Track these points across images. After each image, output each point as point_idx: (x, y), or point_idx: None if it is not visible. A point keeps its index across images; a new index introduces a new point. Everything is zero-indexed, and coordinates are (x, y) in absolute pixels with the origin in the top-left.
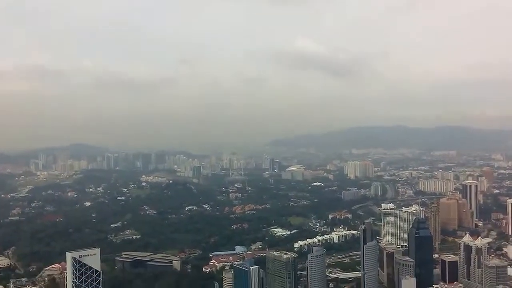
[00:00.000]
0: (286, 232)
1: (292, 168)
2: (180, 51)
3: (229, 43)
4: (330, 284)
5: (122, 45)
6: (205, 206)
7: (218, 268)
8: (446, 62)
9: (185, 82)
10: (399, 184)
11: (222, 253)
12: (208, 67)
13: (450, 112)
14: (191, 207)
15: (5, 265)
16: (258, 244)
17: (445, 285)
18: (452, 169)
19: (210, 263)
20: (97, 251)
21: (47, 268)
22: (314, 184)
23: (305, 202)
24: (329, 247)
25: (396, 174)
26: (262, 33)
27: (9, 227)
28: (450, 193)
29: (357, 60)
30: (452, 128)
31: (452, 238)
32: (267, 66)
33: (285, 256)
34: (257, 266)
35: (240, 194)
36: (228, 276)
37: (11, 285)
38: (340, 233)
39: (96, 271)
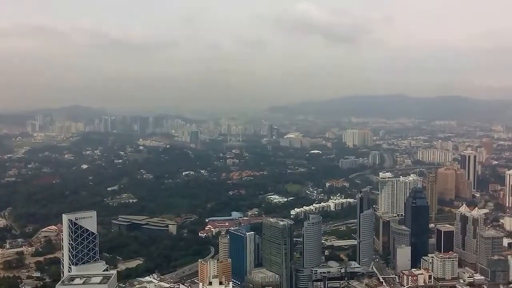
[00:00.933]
0: (283, 199)
1: (291, 135)
2: (180, 13)
3: (229, 6)
4: (326, 251)
5: (121, 5)
6: (202, 171)
7: (214, 233)
8: (449, 30)
9: (185, 45)
10: (398, 154)
11: (218, 218)
12: (208, 30)
13: (451, 81)
14: (188, 172)
15: (1, 226)
16: (255, 211)
17: (440, 255)
18: (452, 139)
19: (206, 228)
20: (93, 213)
21: (43, 230)
22: (312, 151)
23: (302, 170)
24: (326, 215)
25: (395, 143)
26: None
27: (6, 188)
28: (449, 163)
29: (359, 26)
30: (453, 98)
31: (448, 208)
32: (267, 30)
33: (281, 222)
34: (253, 232)
35: (238, 160)
36: (224, 242)
37: (7, 246)
38: (336, 201)
39: (92, 233)
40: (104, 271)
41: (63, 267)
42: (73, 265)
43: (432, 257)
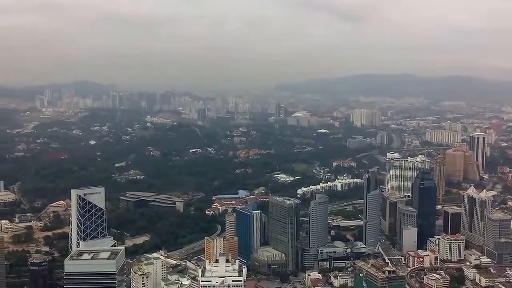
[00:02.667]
0: (290, 178)
1: (298, 114)
2: None
3: None
4: (332, 231)
5: None
6: (209, 149)
7: (220, 211)
8: (459, 8)
9: (192, 21)
10: (406, 134)
11: (225, 196)
12: (214, 7)
13: (461, 61)
14: (195, 149)
15: (11, 200)
16: (261, 189)
17: (447, 236)
18: (461, 120)
19: (213, 206)
20: (101, 189)
21: (51, 204)
22: (320, 131)
23: (309, 149)
24: (332, 195)
25: (403, 123)
26: None
27: (15, 163)
28: (457, 145)
29: (366, 3)
30: (462, 78)
31: (456, 190)
32: (274, 7)
33: (288, 202)
34: (259, 211)
35: (245, 139)
36: (230, 220)
37: (17, 220)
38: (343, 181)
39: (101, 209)
40: (111, 246)
41: (71, 242)
42: (81, 240)
43: (439, 238)
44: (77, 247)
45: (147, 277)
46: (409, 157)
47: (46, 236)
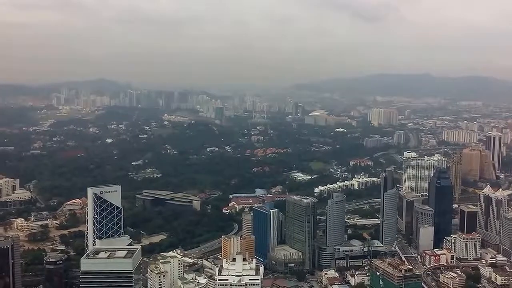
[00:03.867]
0: (307, 177)
1: (315, 113)
2: None
3: None
4: (349, 230)
5: None
6: (227, 147)
7: (237, 210)
8: (477, 8)
9: (211, 20)
10: (423, 133)
11: (242, 195)
12: (234, 6)
13: (478, 61)
14: (213, 148)
15: (26, 198)
16: (278, 188)
17: (463, 235)
18: (477, 120)
19: (229, 205)
20: (118, 187)
21: (67, 203)
22: (337, 130)
23: (326, 148)
24: (349, 194)
25: (420, 123)
26: None
27: (31, 160)
28: (474, 144)
29: (386, 3)
30: (479, 78)
31: (472, 189)
32: (294, 6)
33: (305, 200)
34: (276, 210)
35: (262, 137)
36: (247, 218)
37: (32, 218)
38: (360, 180)
39: (117, 207)
40: (128, 245)
41: (87, 240)
42: (97, 238)
43: (455, 237)
44: (93, 245)
45: (163, 276)
46: (425, 156)
47: (62, 234)
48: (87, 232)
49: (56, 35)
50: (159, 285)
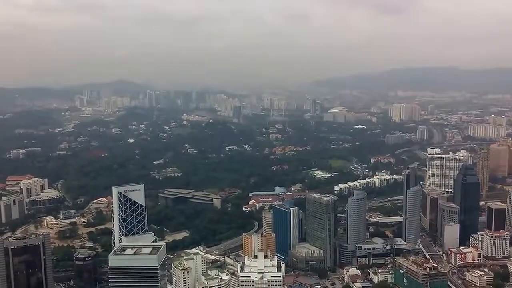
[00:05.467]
0: (326, 175)
1: (334, 110)
2: None
3: None
4: (370, 227)
5: None
6: (245, 146)
7: (257, 208)
8: None
9: (228, 19)
10: (447, 129)
11: (262, 193)
12: (252, 4)
13: (506, 52)
14: (231, 147)
15: (55, 197)
16: (298, 186)
17: (491, 233)
18: (505, 114)
19: (249, 203)
20: (141, 186)
21: (94, 201)
22: (357, 126)
23: (346, 145)
24: (370, 191)
25: (444, 118)
26: None
27: (57, 161)
28: (502, 139)
29: None
30: (507, 70)
31: (501, 185)
32: (313, 2)
33: (325, 198)
34: (296, 207)
35: (280, 135)
36: (267, 216)
37: (61, 216)
38: (382, 177)
39: (141, 205)
40: (152, 242)
41: (114, 237)
42: (123, 236)
43: (482, 235)
44: (120, 242)
45: (188, 272)
46: (450, 153)
47: (90, 232)
48: (113, 230)
49: (77, 38)
50: (184, 281)
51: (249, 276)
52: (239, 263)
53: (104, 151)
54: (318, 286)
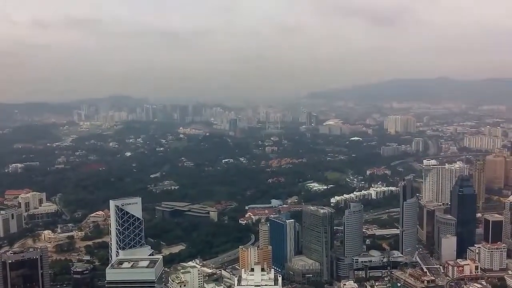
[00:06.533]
0: (323, 187)
1: (330, 122)
2: (218, 1)
3: None
4: (367, 240)
5: None
6: (241, 159)
7: (254, 221)
8: (496, 8)
9: (223, 33)
10: (443, 140)
11: (258, 206)
12: (246, 17)
13: (500, 63)
14: (228, 159)
15: (53, 211)
16: (294, 198)
17: (488, 245)
18: (501, 125)
19: (246, 216)
20: (138, 200)
21: (91, 215)
22: (352, 138)
23: (342, 157)
24: (367, 203)
25: (440, 129)
26: None
27: (55, 175)
28: (497, 150)
29: (401, 6)
30: (502, 80)
31: (497, 197)
32: (306, 15)
33: (321, 211)
34: (293, 220)
35: (276, 148)
36: (264, 229)
37: (59, 230)
38: (378, 189)
39: (138, 219)
40: (149, 255)
41: (111, 251)
42: (120, 249)
43: (479, 247)
44: (117, 256)
45: (184, 285)
46: (446, 164)
47: (87, 245)
48: (111, 243)
49: (74, 53)
50: None
51: None
52: (235, 276)
53: (102, 164)
54: None
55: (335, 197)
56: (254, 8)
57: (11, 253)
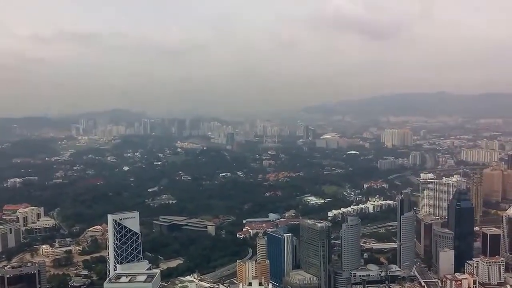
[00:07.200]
0: (320, 201)
1: (327, 136)
2: (213, 16)
3: (262, 6)
4: (365, 254)
5: (157, 10)
6: (239, 173)
7: (251, 235)
8: (492, 23)
9: (219, 47)
10: (440, 154)
11: (256, 220)
12: (241, 32)
13: (496, 77)
14: (225, 173)
15: (51, 226)
16: (292, 212)
17: (486, 259)
18: (498, 138)
19: (243, 229)
20: (136, 214)
21: (89, 229)
22: (349, 152)
23: (339, 171)
24: (364, 217)
25: (437, 143)
26: None
27: (54, 189)
28: (495, 164)
29: (396, 22)
30: (498, 94)
31: (495, 210)
32: (301, 29)
33: (319, 224)
34: (290, 234)
35: (274, 162)
36: (261, 243)
37: (57, 245)
38: (375, 203)
39: (136, 233)
40: (147, 270)
41: (108, 265)
42: (118, 263)
43: (477, 261)
44: (115, 270)
45: None
46: (444, 178)
47: (85, 260)
48: (108, 257)
49: (73, 67)
50: None
51: None
52: None
53: (100, 179)
54: None
55: (333, 210)
56: (251, 23)
57: (9, 268)
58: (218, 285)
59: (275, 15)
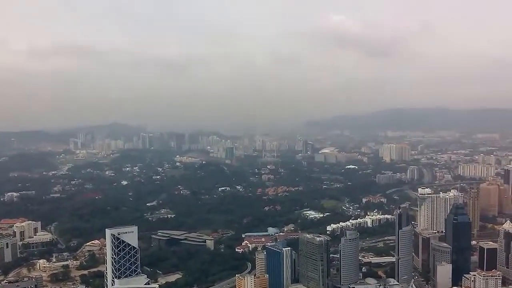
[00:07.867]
0: (319, 215)
1: (326, 151)
2: (213, 32)
3: (261, 22)
4: (363, 268)
5: (156, 24)
6: (238, 187)
7: (250, 249)
8: (490, 40)
9: (219, 62)
10: (437, 168)
11: (255, 234)
12: (241, 47)
13: (493, 93)
14: (224, 188)
15: (48, 240)
16: (291, 226)
17: (483, 273)
18: (494, 153)
19: (242, 244)
20: (134, 228)
21: (87, 244)
22: (348, 167)
23: (338, 185)
24: (363, 231)
25: (434, 157)
26: (295, 10)
27: (51, 204)
28: (491, 178)
29: (395, 38)
30: (495, 110)
31: (491, 224)
32: (301, 45)
33: (318, 238)
34: (289, 248)
35: (273, 176)
36: (260, 257)
37: (54, 259)
38: (374, 217)
39: (134, 247)
40: (145, 284)
41: (106, 280)
42: (116, 278)
43: (475, 275)
44: (112, 285)
45: None
46: (441, 192)
47: (82, 274)
48: (106, 272)
49: (71, 81)
50: None
51: None
52: None
53: (98, 193)
54: None
55: (331, 225)
56: (250, 38)
57: (6, 283)
58: None
59: (275, 30)
